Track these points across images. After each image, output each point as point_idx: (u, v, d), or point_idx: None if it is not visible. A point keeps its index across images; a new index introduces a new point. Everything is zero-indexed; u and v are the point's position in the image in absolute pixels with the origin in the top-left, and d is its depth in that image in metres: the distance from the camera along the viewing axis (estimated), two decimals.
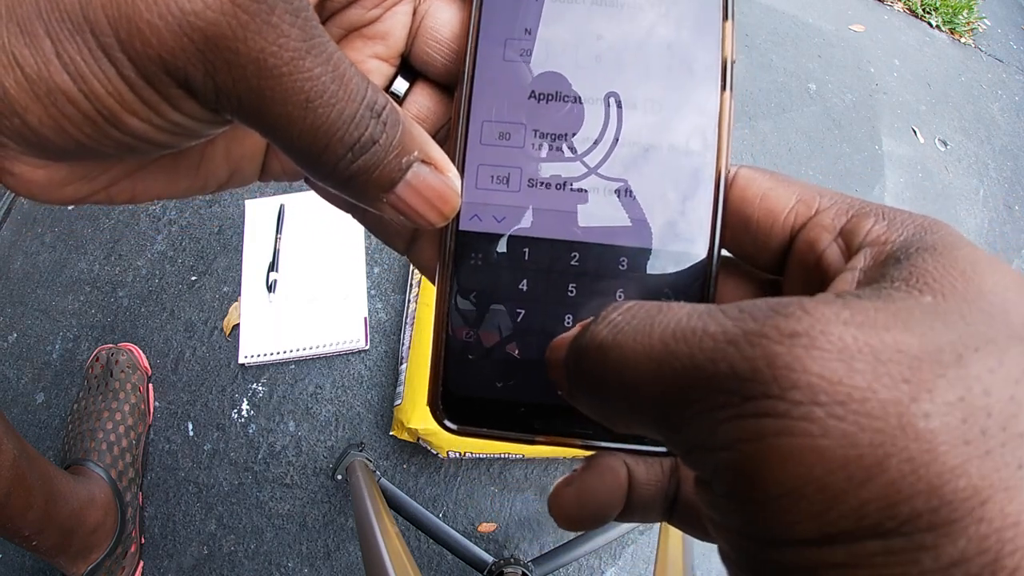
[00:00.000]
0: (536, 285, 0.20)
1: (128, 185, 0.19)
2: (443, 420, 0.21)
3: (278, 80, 0.15)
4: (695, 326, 0.13)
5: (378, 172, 0.17)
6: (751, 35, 1.56)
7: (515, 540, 0.90)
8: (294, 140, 0.15)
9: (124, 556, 0.82)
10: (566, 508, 0.19)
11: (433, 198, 0.18)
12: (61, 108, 0.15)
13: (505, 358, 0.20)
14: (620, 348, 0.14)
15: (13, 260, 1.10)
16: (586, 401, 0.16)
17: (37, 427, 0.95)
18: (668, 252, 0.20)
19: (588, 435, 0.20)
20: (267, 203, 1.11)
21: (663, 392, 0.13)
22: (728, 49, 0.20)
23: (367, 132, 0.16)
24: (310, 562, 0.88)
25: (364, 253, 1.08)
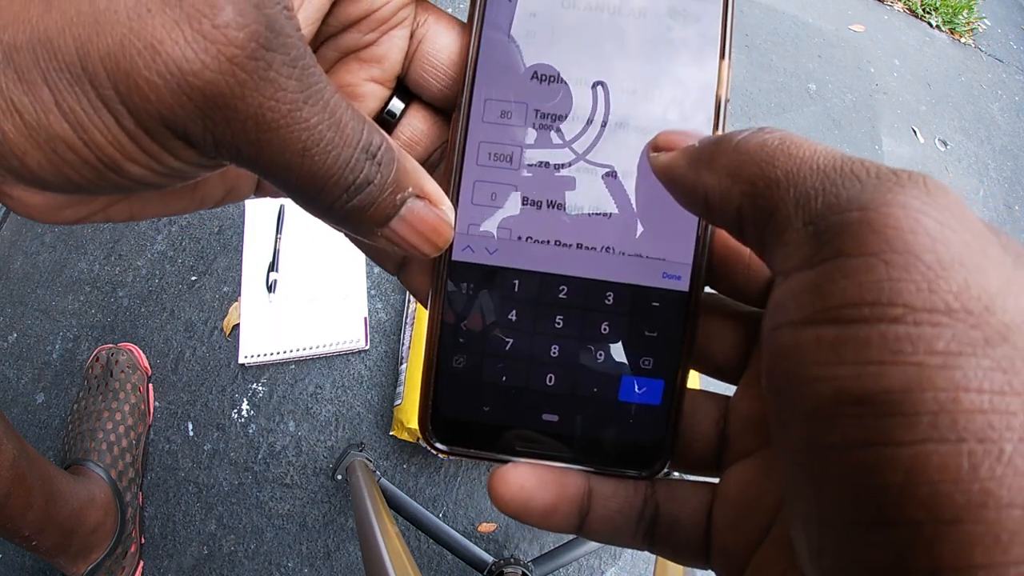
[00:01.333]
0: (524, 315, 0.21)
1: (125, 206, 0.19)
2: (432, 441, 0.21)
3: (276, 132, 0.15)
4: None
5: (372, 210, 0.17)
6: (751, 35, 1.56)
7: (515, 540, 0.90)
8: (291, 184, 0.16)
9: (124, 556, 0.82)
10: (507, 498, 0.19)
11: (426, 231, 0.18)
12: (61, 155, 0.15)
13: (493, 384, 0.21)
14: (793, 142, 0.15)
15: (13, 260, 1.10)
16: (711, 177, 0.17)
17: (37, 427, 0.95)
18: (652, 288, 0.21)
19: (568, 458, 0.21)
20: (267, 203, 1.11)
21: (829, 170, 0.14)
22: (724, 89, 0.21)
23: (362, 174, 0.16)
24: (310, 562, 0.88)
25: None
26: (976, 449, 0.11)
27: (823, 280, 0.13)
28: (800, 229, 0.14)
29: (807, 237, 0.14)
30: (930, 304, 0.12)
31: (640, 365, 0.21)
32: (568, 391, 0.21)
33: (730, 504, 0.19)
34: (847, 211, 0.13)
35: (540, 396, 0.21)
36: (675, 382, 0.21)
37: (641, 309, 0.21)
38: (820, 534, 0.13)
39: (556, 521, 0.19)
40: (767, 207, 0.15)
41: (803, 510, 0.14)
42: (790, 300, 0.14)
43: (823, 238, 0.14)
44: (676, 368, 0.21)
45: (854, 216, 0.13)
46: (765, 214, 0.15)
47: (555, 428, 0.21)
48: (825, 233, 0.14)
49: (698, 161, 0.17)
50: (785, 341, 0.14)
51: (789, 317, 0.14)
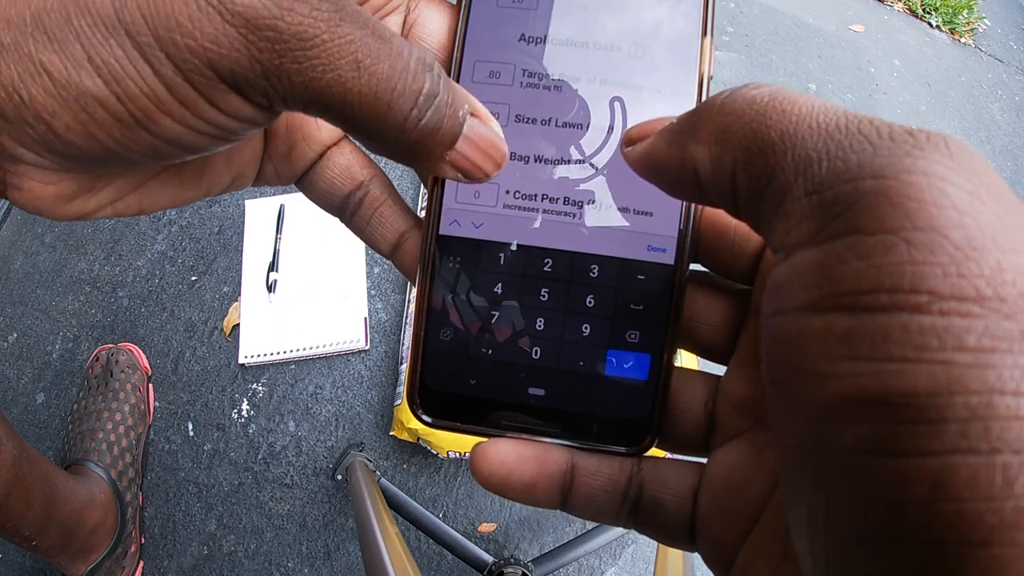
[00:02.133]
0: (510, 289, 0.21)
1: (134, 199, 0.19)
2: (419, 413, 0.21)
3: (323, 47, 0.14)
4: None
5: (443, 128, 0.16)
6: (751, 35, 1.55)
7: (515, 540, 0.90)
8: (356, 107, 0.15)
9: (124, 556, 0.82)
10: (486, 473, 0.19)
11: (488, 148, 0.17)
12: (92, 112, 0.14)
13: (479, 357, 0.21)
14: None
15: (13, 260, 1.10)
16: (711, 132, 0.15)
17: (37, 427, 0.95)
18: (637, 261, 0.21)
19: (554, 433, 0.21)
20: (267, 203, 1.11)
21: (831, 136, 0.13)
22: (706, 66, 0.21)
23: (427, 85, 0.15)
24: (310, 562, 0.88)
25: (364, 253, 1.08)
26: (1012, 462, 0.10)
27: (833, 261, 0.12)
28: (802, 199, 0.13)
29: (811, 208, 0.12)
30: (959, 291, 0.10)
31: (626, 339, 0.21)
32: (554, 365, 0.21)
33: (716, 487, 0.18)
34: (859, 179, 0.12)
35: (526, 370, 0.21)
36: (662, 357, 0.20)
37: (626, 282, 0.21)
38: (826, 544, 0.12)
39: (537, 497, 0.19)
40: (762, 174, 0.14)
41: (807, 516, 0.12)
42: (794, 282, 0.12)
43: (831, 210, 0.12)
44: (663, 342, 0.20)
45: (867, 185, 0.11)
46: (761, 182, 0.14)
47: (541, 402, 0.21)
48: (833, 205, 0.12)
49: (680, 135, 0.15)
50: (788, 329, 0.12)
51: (793, 302, 0.12)
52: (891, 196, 0.11)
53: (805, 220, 0.12)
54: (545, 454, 0.19)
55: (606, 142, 0.21)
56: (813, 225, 0.12)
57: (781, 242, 0.13)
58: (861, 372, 0.11)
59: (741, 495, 0.18)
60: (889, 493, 0.11)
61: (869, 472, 0.11)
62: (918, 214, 0.11)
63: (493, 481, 0.19)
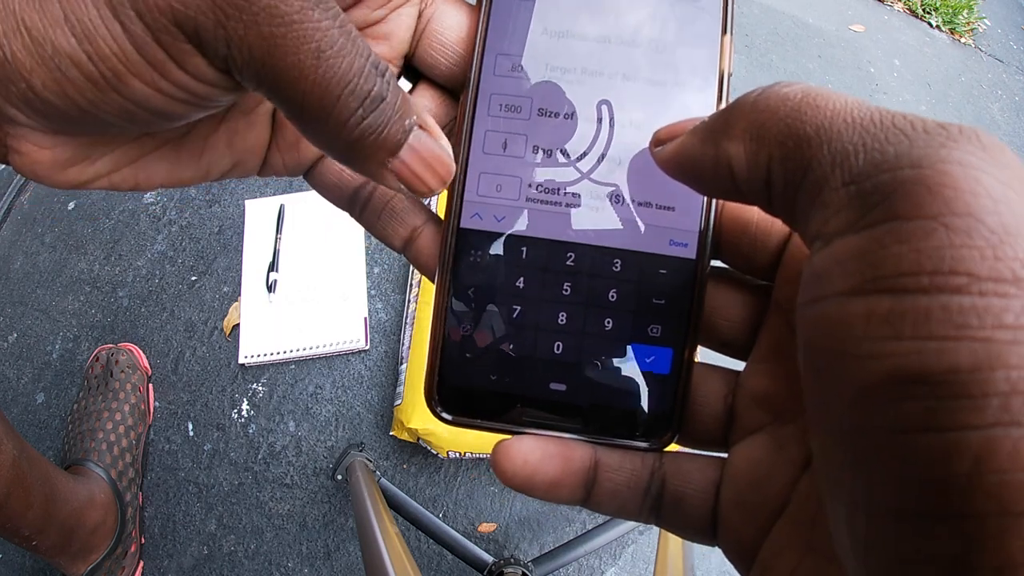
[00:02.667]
0: (532, 283, 0.21)
1: (130, 173, 0.19)
2: (438, 411, 0.21)
3: (290, 27, 0.14)
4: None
5: (385, 132, 0.16)
6: (751, 35, 1.55)
7: (515, 540, 0.90)
8: (305, 94, 0.15)
9: (124, 556, 0.82)
10: (510, 472, 0.19)
11: (434, 162, 0.17)
12: (65, 71, 0.15)
13: (500, 352, 0.21)
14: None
15: (13, 260, 1.10)
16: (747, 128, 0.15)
17: (37, 427, 0.95)
18: (659, 255, 0.21)
19: (576, 428, 0.21)
20: (267, 203, 1.11)
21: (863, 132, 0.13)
22: (726, 62, 0.21)
23: (375, 88, 0.16)
24: (310, 562, 0.88)
25: (364, 253, 1.08)
26: None
27: (874, 246, 0.12)
28: (840, 189, 0.13)
29: (849, 198, 0.13)
30: (996, 273, 0.11)
31: (648, 333, 0.20)
32: (575, 360, 0.21)
33: (738, 482, 0.18)
34: (896, 168, 0.12)
35: (547, 365, 0.21)
36: (683, 351, 0.20)
37: (648, 276, 0.21)
38: (868, 526, 0.12)
39: (561, 494, 0.19)
40: (799, 168, 0.14)
41: (847, 499, 0.13)
42: (834, 269, 0.13)
43: (870, 199, 0.12)
44: (684, 336, 0.20)
45: (906, 174, 0.12)
46: (797, 176, 0.14)
47: (562, 398, 0.21)
48: (872, 194, 0.12)
49: (713, 133, 0.16)
50: (829, 314, 0.13)
51: (834, 287, 0.13)
52: (929, 184, 0.12)
53: (844, 209, 0.13)
54: (569, 451, 0.19)
55: (629, 140, 0.21)
56: (852, 214, 0.13)
57: (819, 232, 0.13)
58: (904, 351, 0.11)
59: (763, 489, 0.18)
60: (932, 469, 0.11)
61: (912, 449, 0.11)
62: (955, 201, 0.11)
63: (518, 480, 0.19)
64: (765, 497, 0.18)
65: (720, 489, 0.19)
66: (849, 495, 0.13)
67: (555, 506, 0.92)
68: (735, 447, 0.19)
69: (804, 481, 0.17)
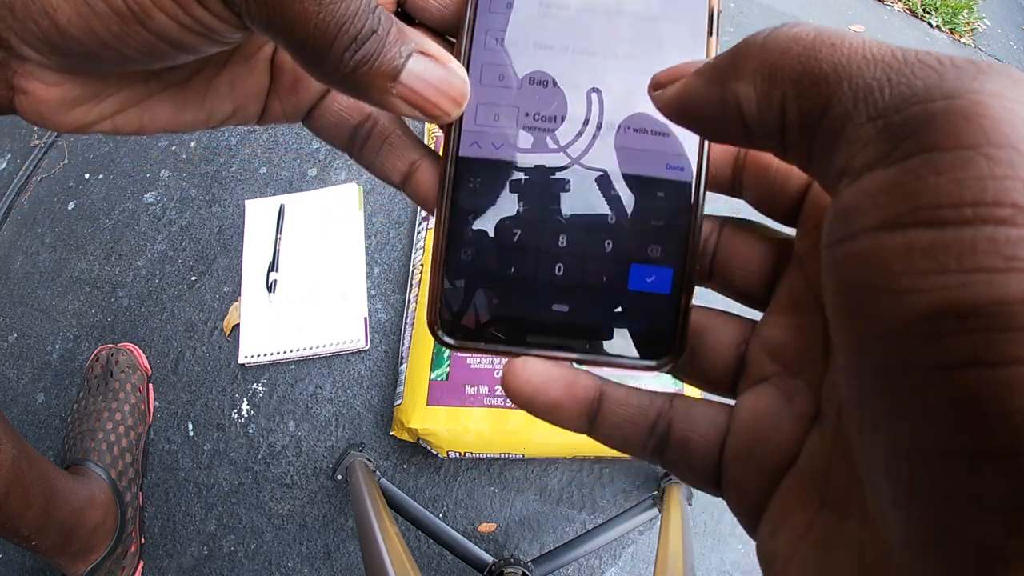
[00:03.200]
0: (532, 208, 0.21)
1: (135, 114, 0.20)
2: (441, 335, 0.21)
3: None
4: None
5: (379, 59, 0.17)
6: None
7: (515, 540, 0.90)
8: (306, 38, 0.16)
9: (124, 556, 0.82)
10: (514, 389, 0.19)
11: (442, 85, 0.18)
12: (92, 5, 0.16)
13: (501, 276, 0.21)
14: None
15: (13, 260, 1.10)
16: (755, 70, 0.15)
17: (37, 427, 0.95)
18: (656, 178, 0.21)
19: (579, 348, 0.21)
20: (267, 203, 1.12)
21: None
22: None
23: (366, 24, 0.17)
24: (310, 562, 0.88)
25: (364, 253, 1.08)
26: None
27: (908, 178, 0.11)
28: (866, 124, 0.12)
29: (877, 132, 0.12)
30: None
31: (648, 253, 0.21)
32: (577, 281, 0.21)
33: (744, 431, 0.18)
34: (928, 101, 0.12)
35: (548, 287, 0.21)
36: (683, 270, 0.21)
37: (647, 199, 0.21)
38: (912, 471, 0.12)
39: (563, 417, 0.19)
40: (816, 106, 0.13)
41: (887, 445, 0.12)
42: (865, 203, 0.12)
43: (901, 131, 0.12)
44: (684, 256, 0.21)
45: (939, 106, 0.11)
46: (815, 114, 0.13)
47: (565, 319, 0.21)
48: (903, 126, 0.12)
49: (720, 73, 0.15)
50: (863, 251, 0.12)
51: (866, 223, 0.12)
52: (965, 115, 0.11)
53: (871, 144, 0.12)
54: (574, 377, 0.19)
55: (623, 69, 0.21)
56: (881, 147, 0.12)
57: (845, 167, 0.13)
58: (949, 285, 0.11)
59: (770, 440, 0.18)
60: (981, 406, 0.10)
61: (959, 386, 0.11)
62: (994, 131, 0.11)
63: (521, 398, 0.19)
64: (772, 448, 0.17)
65: (726, 440, 0.19)
66: (889, 441, 0.12)
67: (555, 506, 0.92)
68: (743, 395, 0.19)
69: (815, 435, 0.17)
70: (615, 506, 0.93)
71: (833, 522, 0.15)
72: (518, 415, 0.86)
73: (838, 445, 0.16)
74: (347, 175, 1.17)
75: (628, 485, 0.94)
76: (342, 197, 1.12)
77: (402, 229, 1.11)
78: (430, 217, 1.04)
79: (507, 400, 0.88)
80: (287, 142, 1.22)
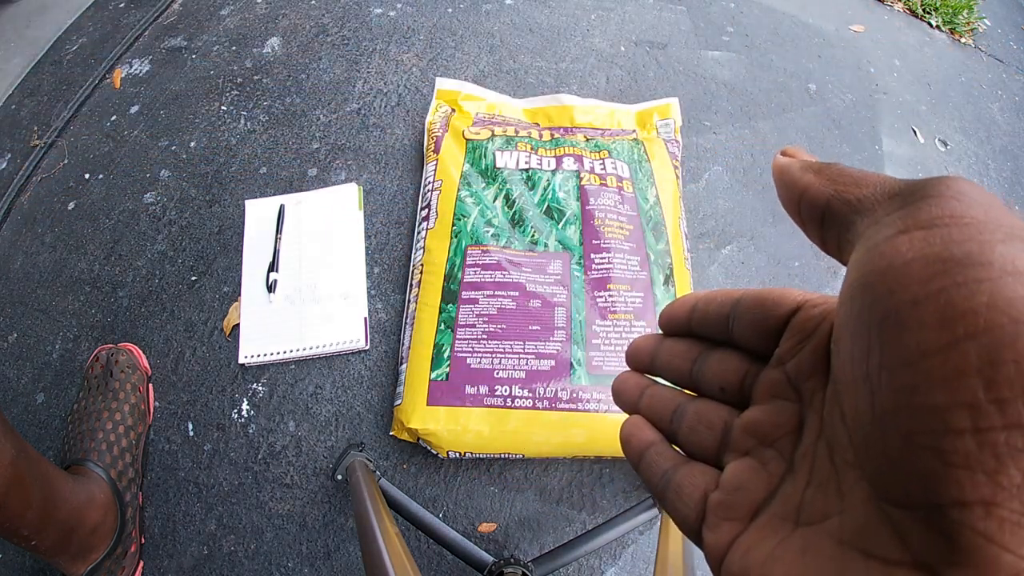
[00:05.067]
0: None
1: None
2: None
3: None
4: None
5: None
6: (751, 35, 1.55)
7: (515, 540, 0.90)
8: None
9: (124, 556, 0.82)
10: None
11: None
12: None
13: None
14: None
15: (13, 260, 1.10)
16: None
17: (37, 427, 0.95)
18: None
19: None
20: (267, 203, 1.12)
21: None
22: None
23: None
24: (310, 562, 0.88)
25: (364, 253, 1.08)
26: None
27: (912, 211, 0.16)
28: (886, 201, 0.17)
29: (892, 201, 0.17)
30: (994, 219, 0.15)
31: None
32: None
33: (724, 486, 0.22)
34: (923, 188, 0.17)
35: None
36: None
37: None
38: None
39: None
40: (854, 198, 0.19)
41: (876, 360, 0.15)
42: (883, 226, 0.16)
43: (909, 196, 0.17)
44: None
45: (933, 187, 0.17)
46: (851, 204, 0.18)
47: None
48: (911, 193, 0.17)
49: (809, 168, 0.21)
50: (879, 249, 0.16)
51: (884, 235, 0.16)
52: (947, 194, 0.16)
53: (889, 206, 0.17)
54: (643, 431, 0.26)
55: None
56: (897, 204, 0.17)
57: (871, 221, 0.17)
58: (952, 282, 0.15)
59: (744, 491, 0.21)
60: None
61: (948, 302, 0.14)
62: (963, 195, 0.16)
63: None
64: (745, 496, 0.21)
65: (711, 494, 0.22)
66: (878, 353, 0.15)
67: (555, 506, 0.92)
68: (728, 464, 0.23)
69: (788, 484, 0.21)
70: (615, 506, 0.93)
71: (811, 528, 0.18)
72: (518, 415, 0.86)
73: (813, 482, 0.19)
74: (347, 175, 1.17)
75: (628, 485, 0.94)
76: (342, 197, 1.12)
77: (402, 229, 1.11)
78: (429, 217, 1.04)
79: (507, 400, 0.89)
80: (287, 142, 1.22)
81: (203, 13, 1.45)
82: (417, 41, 1.40)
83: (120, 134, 1.24)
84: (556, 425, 0.86)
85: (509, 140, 1.12)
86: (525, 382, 0.88)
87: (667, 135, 1.20)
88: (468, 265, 0.97)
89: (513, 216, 1.02)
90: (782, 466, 0.21)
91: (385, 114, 1.26)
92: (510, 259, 0.97)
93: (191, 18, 1.44)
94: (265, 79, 1.32)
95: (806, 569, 0.18)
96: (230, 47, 1.38)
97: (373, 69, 1.34)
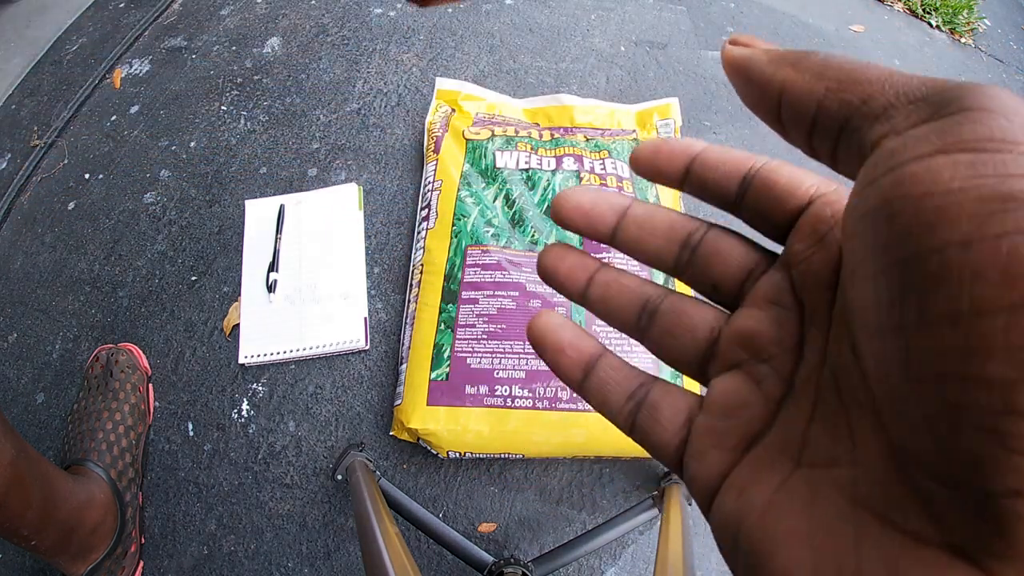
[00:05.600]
0: None
1: None
2: None
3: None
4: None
5: None
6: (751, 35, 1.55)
7: (515, 540, 0.90)
8: None
9: (124, 556, 0.82)
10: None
11: None
12: None
13: None
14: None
15: (13, 260, 1.10)
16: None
17: (37, 427, 0.95)
18: None
19: None
20: (267, 203, 1.12)
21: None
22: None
23: None
24: (310, 562, 0.88)
25: (364, 253, 1.08)
26: None
27: (950, 126, 0.13)
28: (906, 106, 0.14)
29: (917, 109, 0.14)
30: None
31: None
32: None
33: (711, 409, 0.19)
34: (958, 89, 0.14)
35: None
36: None
37: None
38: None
39: (563, 363, 0.21)
40: (857, 98, 0.15)
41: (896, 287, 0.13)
42: (911, 143, 0.13)
43: (938, 105, 0.13)
44: None
45: (968, 89, 0.13)
46: (853, 105, 0.15)
47: None
48: (940, 103, 0.13)
49: (781, 60, 0.17)
50: (914, 170, 0.13)
51: (914, 153, 0.13)
52: (990, 95, 0.13)
53: (913, 114, 0.14)
54: (583, 334, 0.21)
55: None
56: (923, 114, 0.14)
57: (889, 131, 0.14)
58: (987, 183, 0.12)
59: (736, 416, 0.18)
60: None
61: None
62: (1010, 107, 0.13)
63: (534, 332, 0.21)
64: (738, 424, 0.18)
65: (696, 418, 0.19)
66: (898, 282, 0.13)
67: (555, 506, 0.92)
68: (714, 379, 0.19)
69: (791, 410, 0.17)
70: (615, 506, 0.93)
71: (816, 472, 0.16)
72: (518, 415, 0.86)
73: (817, 417, 0.17)
74: (347, 175, 1.17)
75: (628, 485, 0.94)
76: (342, 197, 1.12)
77: (402, 229, 1.11)
78: (429, 217, 1.04)
79: (507, 400, 0.88)
80: (287, 142, 1.22)
81: (203, 13, 1.45)
82: (417, 41, 1.40)
83: (120, 134, 1.24)
84: (556, 425, 0.86)
85: (509, 140, 1.12)
86: (525, 382, 0.88)
87: (667, 135, 1.20)
88: (468, 265, 0.97)
89: (513, 216, 1.02)
90: (780, 388, 0.18)
91: (385, 114, 1.26)
92: (510, 259, 0.97)
93: (191, 18, 1.44)
94: (265, 79, 1.32)
95: (814, 529, 0.15)
96: (230, 47, 1.38)
97: (373, 69, 1.34)
